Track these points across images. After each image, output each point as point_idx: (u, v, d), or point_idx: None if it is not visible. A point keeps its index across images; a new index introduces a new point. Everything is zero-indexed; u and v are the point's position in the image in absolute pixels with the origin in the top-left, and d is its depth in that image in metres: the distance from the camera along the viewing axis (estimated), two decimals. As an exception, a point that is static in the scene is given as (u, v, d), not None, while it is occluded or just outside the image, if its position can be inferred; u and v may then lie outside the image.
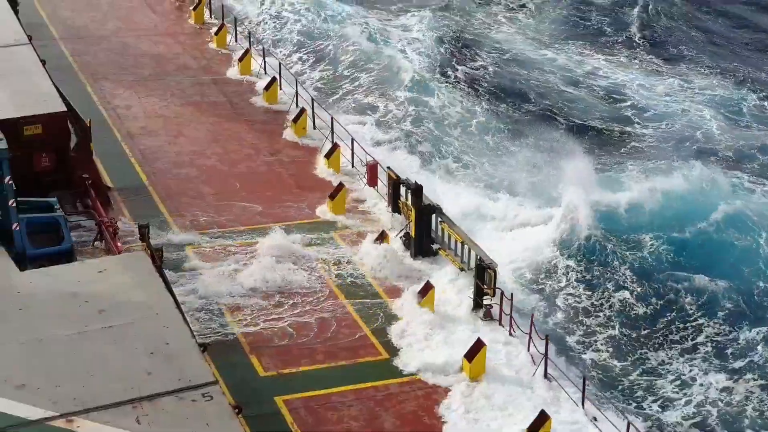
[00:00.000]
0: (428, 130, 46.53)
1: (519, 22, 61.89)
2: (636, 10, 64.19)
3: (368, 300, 31.05)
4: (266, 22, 57.96)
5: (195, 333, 23.06)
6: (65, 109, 33.52)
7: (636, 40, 60.51)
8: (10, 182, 26.92)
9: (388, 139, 45.13)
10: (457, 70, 53.49)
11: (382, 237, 33.33)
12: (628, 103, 51.82)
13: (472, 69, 53.67)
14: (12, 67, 35.24)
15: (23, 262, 26.29)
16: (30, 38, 38.54)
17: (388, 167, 35.92)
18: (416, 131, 46.21)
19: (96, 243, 30.63)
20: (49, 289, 23.29)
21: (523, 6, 64.74)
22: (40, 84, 34.42)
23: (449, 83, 52.09)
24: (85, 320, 21.96)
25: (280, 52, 53.32)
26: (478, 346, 27.59)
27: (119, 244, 29.71)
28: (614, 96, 52.60)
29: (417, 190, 32.96)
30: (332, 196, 35.86)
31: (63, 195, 32.22)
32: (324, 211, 35.87)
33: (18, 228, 27.37)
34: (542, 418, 25.16)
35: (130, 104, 43.52)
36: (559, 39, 59.95)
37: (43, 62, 36.87)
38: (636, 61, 57.53)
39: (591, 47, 59.07)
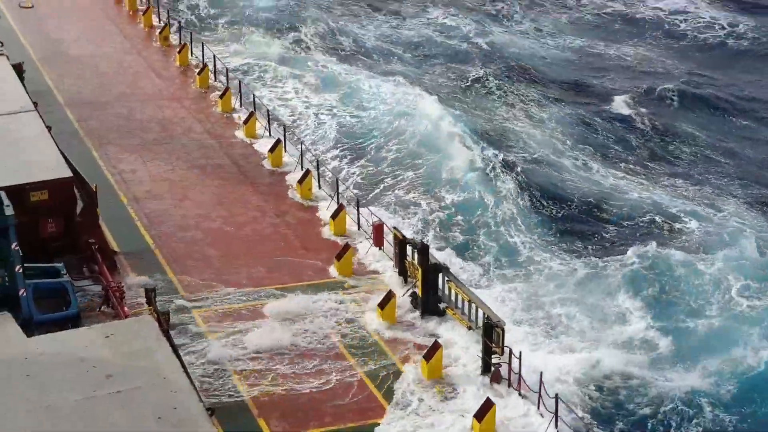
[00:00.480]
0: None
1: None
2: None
3: (376, 361, 30.91)
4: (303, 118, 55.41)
5: (202, 397, 22.95)
6: (71, 174, 33.67)
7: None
8: (17, 248, 26.99)
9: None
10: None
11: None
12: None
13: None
14: (18, 133, 35.49)
15: (30, 327, 26.28)
16: (36, 105, 38.83)
17: (394, 227, 35.94)
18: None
19: (103, 307, 30.61)
20: (56, 354, 23.25)
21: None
22: (46, 150, 34.62)
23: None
24: (93, 386, 21.91)
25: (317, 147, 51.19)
26: (487, 406, 27.43)
27: (126, 309, 29.73)
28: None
29: (423, 249, 32.95)
30: (339, 257, 35.86)
31: (69, 260, 32.29)
32: (331, 272, 35.85)
33: (25, 294, 27.41)
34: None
35: (135, 168, 43.67)
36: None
37: (49, 128, 37.14)
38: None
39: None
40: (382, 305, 32.76)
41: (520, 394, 29.04)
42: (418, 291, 33.12)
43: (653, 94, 60.29)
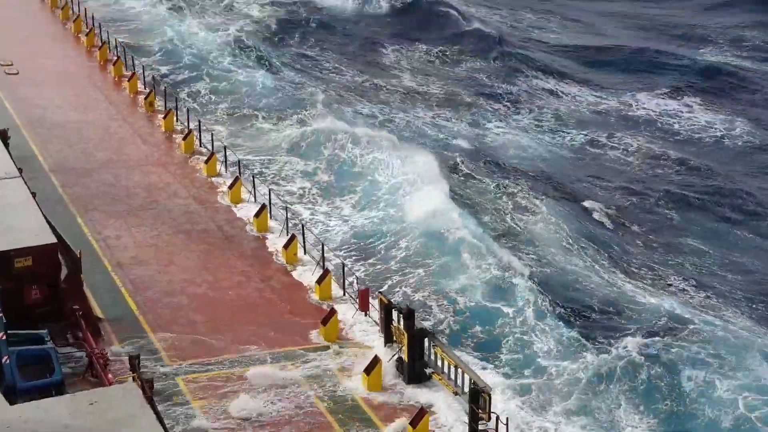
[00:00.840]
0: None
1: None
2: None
3: (361, 428, 30.71)
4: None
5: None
6: (55, 240, 33.63)
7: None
8: (0, 315, 26.86)
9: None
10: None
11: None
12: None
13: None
14: (3, 199, 35.49)
15: (13, 395, 26.06)
16: (20, 171, 38.85)
17: (380, 292, 35.90)
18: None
19: (87, 374, 30.40)
20: (40, 422, 23.03)
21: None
22: (30, 216, 34.60)
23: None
24: (76, 454, 21.69)
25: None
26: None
27: (110, 376, 29.54)
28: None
29: (409, 314, 32.89)
30: (324, 322, 35.76)
31: (54, 326, 32.11)
32: (316, 336, 35.74)
33: (8, 361, 27.22)
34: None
35: (120, 234, 43.60)
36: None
37: (34, 194, 37.13)
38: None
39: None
40: (367, 371, 32.61)
41: (507, 460, 28.87)
42: (404, 356, 33.00)
43: (653, 194, 58.71)
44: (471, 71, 76.32)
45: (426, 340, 32.80)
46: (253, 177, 48.53)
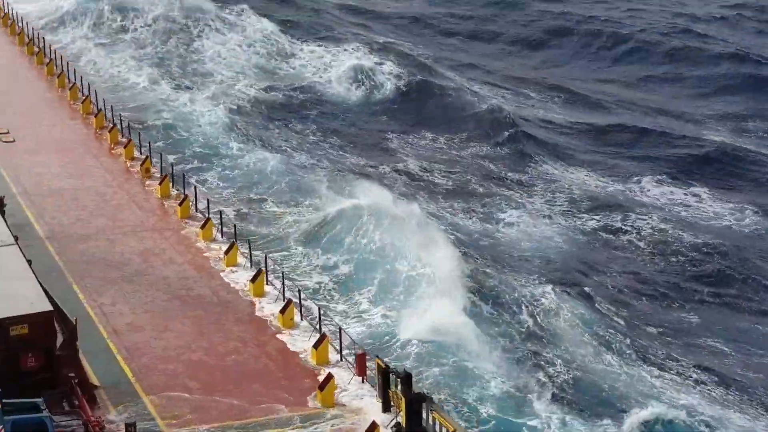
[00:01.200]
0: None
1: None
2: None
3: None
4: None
5: None
6: (51, 308, 33.56)
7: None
8: (-4, 384, 26.72)
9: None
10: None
11: None
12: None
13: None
14: (-2, 267, 35.45)
15: (8, 465, 25.85)
16: (16, 239, 38.85)
17: (377, 356, 35.78)
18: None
19: (82, 443, 30.20)
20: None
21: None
22: (26, 284, 34.59)
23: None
24: None
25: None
26: None
27: (106, 444, 29.33)
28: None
29: (407, 379, 32.74)
30: (321, 387, 35.58)
31: (49, 394, 31.92)
32: (313, 402, 35.53)
33: (3, 430, 27.00)
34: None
35: (115, 301, 43.51)
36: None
37: (29, 262, 37.11)
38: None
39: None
40: (366, 437, 32.42)
41: None
42: (402, 421, 32.79)
43: (669, 283, 56.71)
44: (479, 156, 74.99)
45: (424, 404, 32.60)
46: (249, 243, 48.50)
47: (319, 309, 41.19)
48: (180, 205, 53.65)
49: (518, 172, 71.13)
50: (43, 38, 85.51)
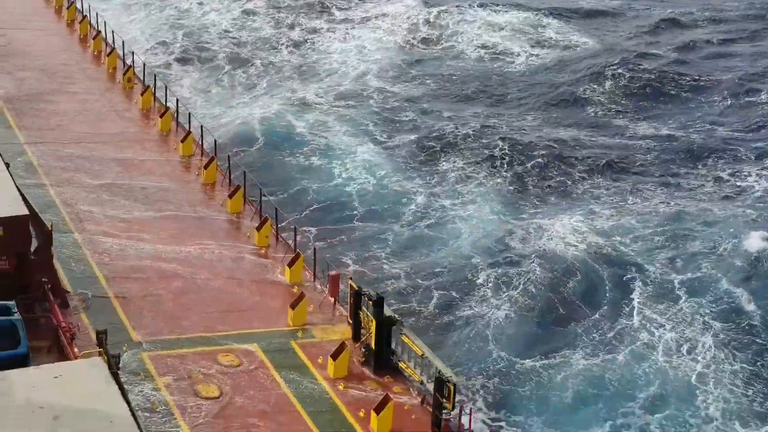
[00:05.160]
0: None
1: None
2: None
3: (326, 412, 30.77)
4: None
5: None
6: (27, 212, 33.44)
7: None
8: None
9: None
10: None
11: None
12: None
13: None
14: (-25, 170, 35.25)
15: (-23, 366, 25.92)
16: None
17: (350, 278, 35.93)
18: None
19: (53, 348, 30.30)
20: (2, 393, 22.94)
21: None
22: (3, 187, 34.38)
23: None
24: (39, 427, 21.63)
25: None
26: (436, 460, 27.42)
27: (76, 350, 29.44)
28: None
29: (378, 302, 32.94)
30: (293, 306, 35.76)
31: (21, 299, 31.97)
32: (285, 320, 35.74)
33: (-26, 332, 27.08)
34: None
35: (92, 209, 43.44)
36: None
37: (7, 165, 36.91)
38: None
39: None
40: (334, 356, 32.66)
41: (469, 451, 29.03)
42: (372, 343, 33.06)
43: None
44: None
45: (394, 328, 32.85)
46: (228, 158, 48.36)
47: (295, 228, 41.23)
48: (161, 117, 53.34)
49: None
50: None
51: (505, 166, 57.76)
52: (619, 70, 72.24)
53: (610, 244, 49.11)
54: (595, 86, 70.61)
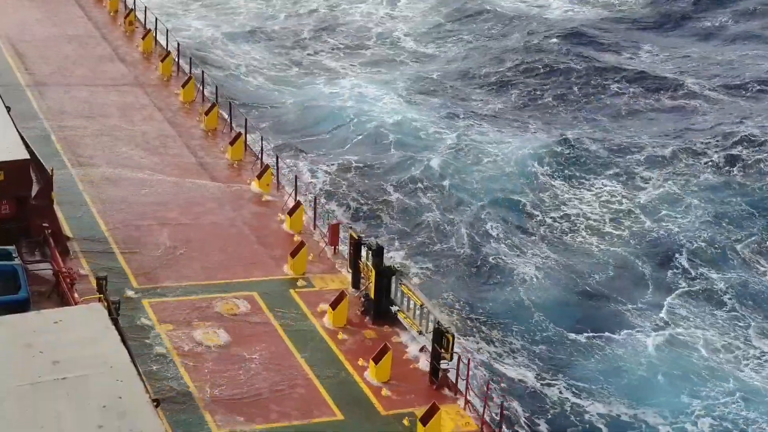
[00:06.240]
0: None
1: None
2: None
3: (324, 360, 30.90)
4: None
5: (148, 388, 22.86)
6: (28, 156, 33.36)
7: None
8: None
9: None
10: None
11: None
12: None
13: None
14: (-24, 113, 35.15)
15: (-22, 310, 25.98)
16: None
17: (350, 227, 35.93)
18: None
19: (53, 293, 30.37)
20: (2, 338, 23.02)
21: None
22: (4, 131, 34.29)
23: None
24: (39, 371, 21.72)
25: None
26: (433, 410, 27.53)
27: (76, 296, 29.51)
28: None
29: (378, 251, 32.97)
30: (293, 254, 35.80)
31: (22, 243, 32.00)
32: (284, 268, 35.79)
33: (-26, 276, 27.11)
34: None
35: (94, 154, 43.37)
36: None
37: (8, 109, 36.78)
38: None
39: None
40: (333, 305, 32.75)
41: (466, 400, 29.16)
42: (371, 293, 33.14)
43: None
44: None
45: (393, 278, 32.91)
46: (230, 104, 48.20)
47: (296, 177, 41.19)
48: (162, 61, 53.11)
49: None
50: None
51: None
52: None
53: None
54: (642, 47, 69.43)
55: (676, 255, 45.29)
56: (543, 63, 66.44)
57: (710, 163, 53.79)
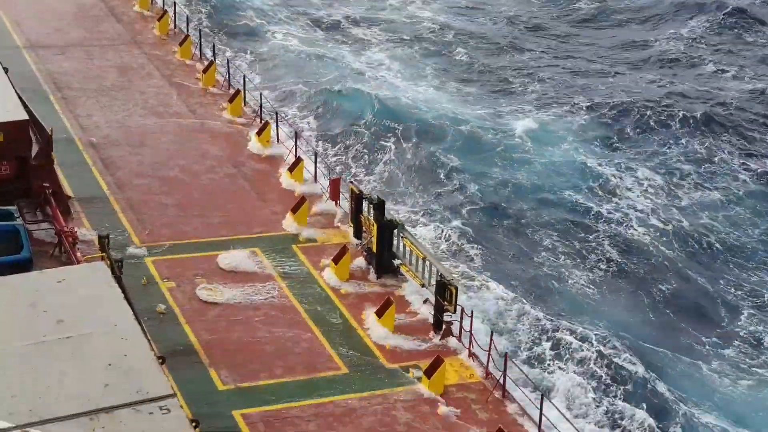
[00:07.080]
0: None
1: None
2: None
3: (328, 315, 30.97)
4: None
5: (153, 345, 22.90)
6: (27, 117, 33.25)
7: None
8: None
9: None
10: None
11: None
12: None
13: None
14: (-27, 74, 34.98)
15: (-20, 271, 25.97)
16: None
17: (351, 181, 35.89)
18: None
19: (55, 253, 30.38)
20: (6, 298, 23.02)
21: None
22: (2, 92, 34.15)
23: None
24: (43, 331, 21.73)
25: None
26: (437, 362, 27.62)
27: (79, 255, 29.51)
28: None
29: (379, 205, 32.95)
30: (294, 210, 35.78)
31: (23, 204, 31.98)
32: (286, 224, 35.78)
33: (-24, 237, 27.09)
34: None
35: (92, 113, 43.25)
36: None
37: (6, 70, 36.61)
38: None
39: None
40: (336, 260, 32.78)
41: (470, 352, 29.24)
42: (373, 247, 33.15)
43: None
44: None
45: (395, 231, 32.91)
46: (228, 62, 48.03)
47: (296, 133, 41.07)
48: (159, 20, 52.83)
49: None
50: None
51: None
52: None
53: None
54: (680, 30, 68.22)
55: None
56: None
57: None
